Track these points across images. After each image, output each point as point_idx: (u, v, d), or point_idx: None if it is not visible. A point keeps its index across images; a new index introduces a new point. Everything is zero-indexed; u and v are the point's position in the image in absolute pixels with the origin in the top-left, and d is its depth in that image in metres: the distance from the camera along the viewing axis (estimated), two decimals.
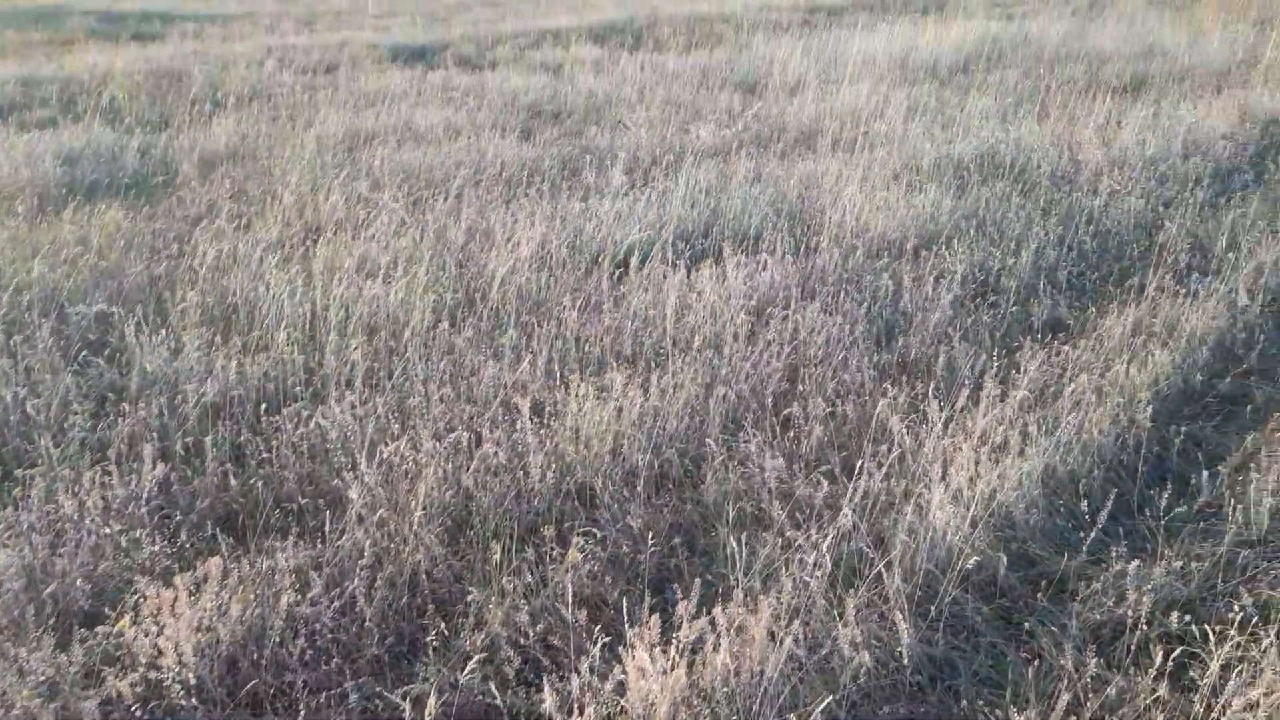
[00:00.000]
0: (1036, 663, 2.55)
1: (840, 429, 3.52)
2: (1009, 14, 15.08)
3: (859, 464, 2.94)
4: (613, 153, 7.35)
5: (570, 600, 2.51)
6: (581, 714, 2.20)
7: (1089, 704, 2.30)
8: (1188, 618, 2.50)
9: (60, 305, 4.36)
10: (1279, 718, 2.22)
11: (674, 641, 2.24)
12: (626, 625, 2.31)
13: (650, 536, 2.83)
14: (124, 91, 8.97)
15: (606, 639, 2.34)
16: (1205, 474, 3.10)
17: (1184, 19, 12.83)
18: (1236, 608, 2.46)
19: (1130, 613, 2.55)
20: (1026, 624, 2.70)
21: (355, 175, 6.65)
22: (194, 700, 2.35)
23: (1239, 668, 2.36)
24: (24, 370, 3.63)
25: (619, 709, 2.27)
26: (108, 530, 2.73)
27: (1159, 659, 2.33)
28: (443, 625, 2.57)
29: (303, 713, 2.32)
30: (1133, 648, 2.50)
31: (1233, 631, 2.38)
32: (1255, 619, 2.51)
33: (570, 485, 3.20)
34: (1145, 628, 2.51)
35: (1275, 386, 3.86)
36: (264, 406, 3.58)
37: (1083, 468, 3.23)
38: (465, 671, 2.41)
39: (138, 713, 2.27)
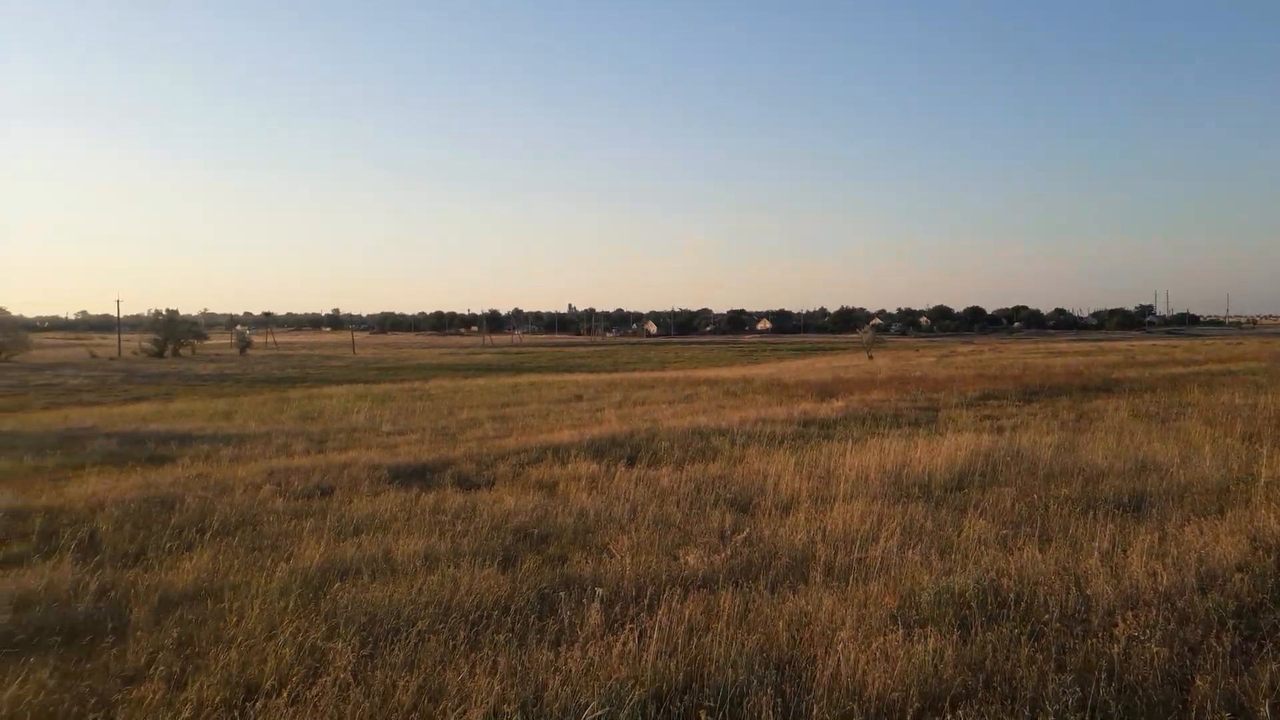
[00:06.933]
0: None
1: None
2: (999, 426, 15.53)
3: None
4: (595, 584, 6.99)
5: None
6: None
7: None
8: None
9: None
10: None
11: None
12: None
13: None
14: (108, 523, 8.93)
15: None
16: None
17: (1172, 432, 13.04)
18: None
19: None
20: None
21: (316, 619, 6.25)
22: None
23: None
24: None
25: None
26: None
27: None
28: None
29: None
30: None
31: None
32: None
33: None
34: None
35: None
36: None
37: None
38: None
39: None
